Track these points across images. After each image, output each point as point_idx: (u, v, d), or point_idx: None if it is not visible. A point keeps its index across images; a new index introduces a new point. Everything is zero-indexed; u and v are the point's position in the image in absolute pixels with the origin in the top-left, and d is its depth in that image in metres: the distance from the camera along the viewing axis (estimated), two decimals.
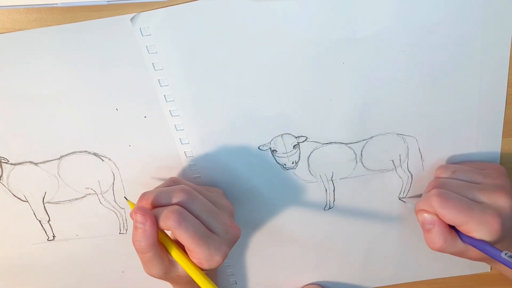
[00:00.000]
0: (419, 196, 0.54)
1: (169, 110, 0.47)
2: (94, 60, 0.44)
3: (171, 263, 0.44)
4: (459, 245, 0.46)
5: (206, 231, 0.43)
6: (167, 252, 0.44)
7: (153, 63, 0.45)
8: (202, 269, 0.43)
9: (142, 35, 0.43)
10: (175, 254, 0.43)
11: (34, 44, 0.43)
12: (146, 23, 0.42)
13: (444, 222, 0.46)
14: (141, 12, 0.42)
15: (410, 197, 0.54)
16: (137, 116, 0.48)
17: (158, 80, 0.45)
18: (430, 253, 0.59)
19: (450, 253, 0.47)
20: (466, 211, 0.44)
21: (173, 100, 0.47)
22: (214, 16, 0.42)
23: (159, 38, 0.43)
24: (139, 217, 0.41)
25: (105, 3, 0.41)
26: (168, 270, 0.44)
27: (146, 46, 0.44)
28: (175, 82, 0.46)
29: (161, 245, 0.44)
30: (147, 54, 0.44)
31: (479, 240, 0.44)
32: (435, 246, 0.47)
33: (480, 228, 0.44)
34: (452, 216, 0.44)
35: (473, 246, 0.45)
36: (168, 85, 0.46)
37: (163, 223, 0.42)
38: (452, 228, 0.46)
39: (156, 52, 0.44)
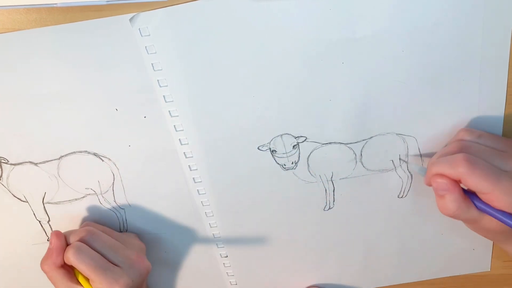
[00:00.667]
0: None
1: (169, 111, 0.47)
2: (94, 60, 0.44)
3: None
4: (473, 212, 0.44)
5: (105, 263, 0.48)
6: (75, 281, 0.49)
7: (152, 64, 0.45)
8: None
9: (141, 35, 0.43)
10: (81, 280, 0.49)
11: (34, 44, 0.43)
12: (145, 23, 0.42)
13: (459, 188, 0.44)
14: (140, 12, 0.42)
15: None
16: (137, 116, 0.48)
17: (158, 80, 0.45)
18: (430, 253, 0.59)
19: (463, 220, 0.46)
20: (493, 179, 0.42)
21: (172, 101, 0.47)
22: (213, 16, 0.42)
23: (158, 38, 0.43)
24: (52, 237, 0.49)
25: (105, 3, 0.41)
26: None
27: (145, 47, 0.44)
28: (175, 83, 0.46)
29: (69, 274, 0.49)
30: (146, 55, 0.44)
31: (499, 210, 0.42)
32: (448, 212, 0.45)
33: (505, 199, 0.42)
34: (479, 183, 0.42)
35: (492, 215, 0.43)
36: (167, 86, 0.46)
37: (65, 257, 0.48)
38: (467, 194, 0.44)
39: (156, 53, 0.44)
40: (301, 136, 0.50)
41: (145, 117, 0.48)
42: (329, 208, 0.55)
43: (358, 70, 0.46)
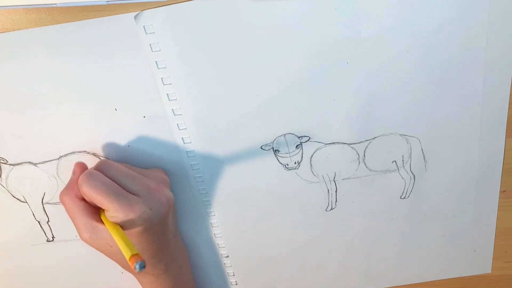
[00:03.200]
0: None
1: (172, 109, 0.47)
2: (95, 59, 0.44)
3: (97, 228, 0.44)
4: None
5: (119, 189, 0.43)
6: (95, 218, 0.44)
7: (156, 61, 0.44)
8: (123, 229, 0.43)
9: (146, 33, 0.43)
10: (102, 216, 0.44)
11: (34, 44, 0.43)
12: (150, 21, 0.42)
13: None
14: (143, 10, 0.42)
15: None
16: (136, 116, 0.48)
17: (161, 78, 0.45)
18: (431, 254, 0.59)
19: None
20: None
21: (175, 99, 0.46)
22: (218, 14, 0.42)
23: (163, 36, 0.43)
24: (76, 167, 0.46)
25: (105, 3, 0.40)
26: (93, 235, 0.44)
27: (150, 44, 0.43)
28: (178, 81, 0.45)
29: (90, 209, 0.45)
30: (150, 52, 0.44)
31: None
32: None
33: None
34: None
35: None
36: (171, 84, 0.45)
37: (79, 187, 0.44)
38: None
39: (160, 50, 0.43)
40: (304, 136, 0.49)
41: (144, 116, 0.48)
42: (331, 209, 0.55)
43: (363, 70, 0.45)
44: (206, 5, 0.42)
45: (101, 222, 0.44)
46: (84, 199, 0.45)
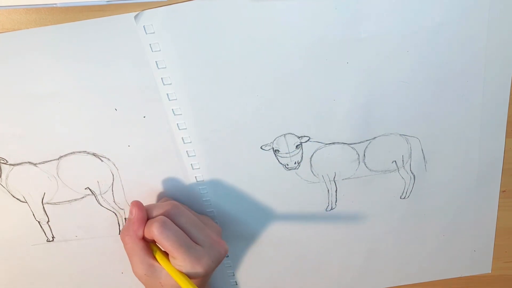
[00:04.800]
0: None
1: (172, 109, 0.47)
2: (95, 59, 0.44)
3: (154, 267, 0.46)
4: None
5: (189, 241, 0.45)
6: (152, 257, 0.47)
7: (156, 61, 0.44)
8: None
9: (146, 33, 0.42)
10: (159, 257, 0.46)
11: (34, 44, 0.43)
12: (150, 21, 0.42)
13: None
14: (143, 10, 0.42)
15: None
16: (136, 116, 0.48)
17: (161, 78, 0.45)
18: (431, 254, 0.59)
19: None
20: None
21: (176, 99, 0.46)
22: (218, 14, 0.42)
23: (163, 36, 0.43)
24: (133, 207, 0.46)
25: (105, 3, 0.40)
26: (149, 272, 0.46)
27: (150, 44, 0.43)
28: (178, 81, 0.45)
29: (147, 248, 0.47)
30: (150, 52, 0.43)
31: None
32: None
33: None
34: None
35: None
36: (171, 84, 0.45)
37: (147, 231, 0.45)
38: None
39: (160, 50, 0.43)
40: (304, 136, 0.49)
41: (144, 117, 0.48)
42: (331, 209, 0.55)
43: (363, 70, 0.45)
44: (206, 5, 0.42)
45: (155, 259, 0.46)
46: (143, 239, 0.47)
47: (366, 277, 0.61)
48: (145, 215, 0.46)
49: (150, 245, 0.47)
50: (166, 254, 0.47)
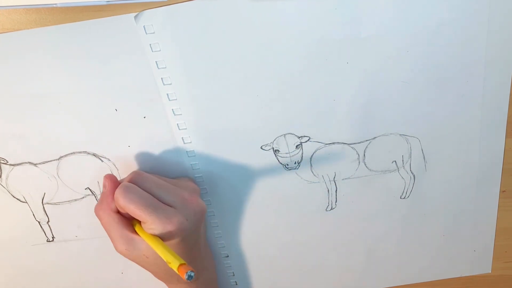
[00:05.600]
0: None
1: (172, 109, 0.47)
2: (95, 59, 0.44)
3: (133, 240, 0.45)
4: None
5: (156, 202, 0.44)
6: (130, 229, 0.45)
7: (156, 61, 0.44)
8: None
9: (146, 33, 0.43)
10: (138, 229, 0.45)
11: (34, 44, 0.43)
12: (150, 21, 0.42)
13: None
14: (142, 11, 0.42)
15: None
16: (136, 117, 0.48)
17: (161, 78, 0.45)
18: (431, 254, 0.59)
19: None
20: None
21: (176, 99, 0.46)
22: (218, 14, 0.42)
23: (163, 36, 0.43)
24: (106, 180, 0.46)
25: (105, 3, 0.40)
26: (130, 247, 0.45)
27: (150, 44, 0.43)
28: (178, 81, 0.45)
29: (125, 221, 0.46)
30: (150, 53, 0.44)
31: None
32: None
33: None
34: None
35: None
36: (171, 84, 0.45)
37: (115, 201, 0.44)
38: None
39: (160, 50, 0.43)
40: (304, 136, 0.49)
41: (144, 117, 0.48)
42: (331, 209, 0.55)
43: (363, 70, 0.45)
44: (206, 5, 0.42)
45: (136, 233, 0.45)
46: (118, 212, 0.45)
47: (366, 277, 0.61)
48: (113, 188, 0.45)
49: (129, 218, 0.46)
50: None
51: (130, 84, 0.45)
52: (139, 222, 0.45)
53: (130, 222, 0.46)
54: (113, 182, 0.45)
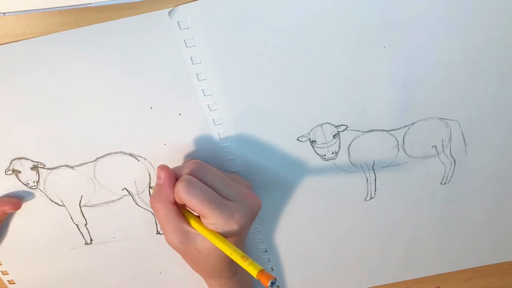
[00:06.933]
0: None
1: (207, 104, 0.47)
2: (129, 58, 0.44)
3: (189, 233, 0.44)
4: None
5: (218, 197, 0.43)
6: (186, 222, 0.45)
7: (191, 57, 0.44)
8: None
9: (180, 29, 0.42)
10: (192, 220, 0.44)
11: (68, 46, 0.43)
12: (184, 16, 0.42)
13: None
14: (176, 6, 0.41)
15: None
16: (171, 114, 0.47)
17: (196, 74, 0.45)
18: (473, 240, 0.58)
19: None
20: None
21: (211, 94, 0.46)
22: (251, 6, 0.42)
23: (197, 31, 0.43)
24: (160, 171, 0.44)
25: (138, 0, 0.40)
26: (185, 240, 0.44)
27: (184, 40, 0.43)
28: (213, 75, 0.45)
29: (180, 214, 0.45)
30: (185, 48, 0.43)
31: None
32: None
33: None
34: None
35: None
36: (206, 79, 0.45)
37: (175, 194, 0.43)
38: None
39: (194, 46, 0.43)
40: (341, 125, 0.49)
41: (180, 114, 0.47)
42: (371, 198, 0.54)
43: (400, 54, 0.45)
44: None
45: (191, 226, 0.44)
46: (175, 204, 0.45)
47: (407, 266, 0.60)
48: (173, 177, 0.44)
49: (182, 211, 0.45)
50: (198, 218, 0.45)
51: (165, 81, 0.45)
52: (193, 214, 0.45)
53: (182, 213, 0.45)
54: (169, 174, 0.44)
